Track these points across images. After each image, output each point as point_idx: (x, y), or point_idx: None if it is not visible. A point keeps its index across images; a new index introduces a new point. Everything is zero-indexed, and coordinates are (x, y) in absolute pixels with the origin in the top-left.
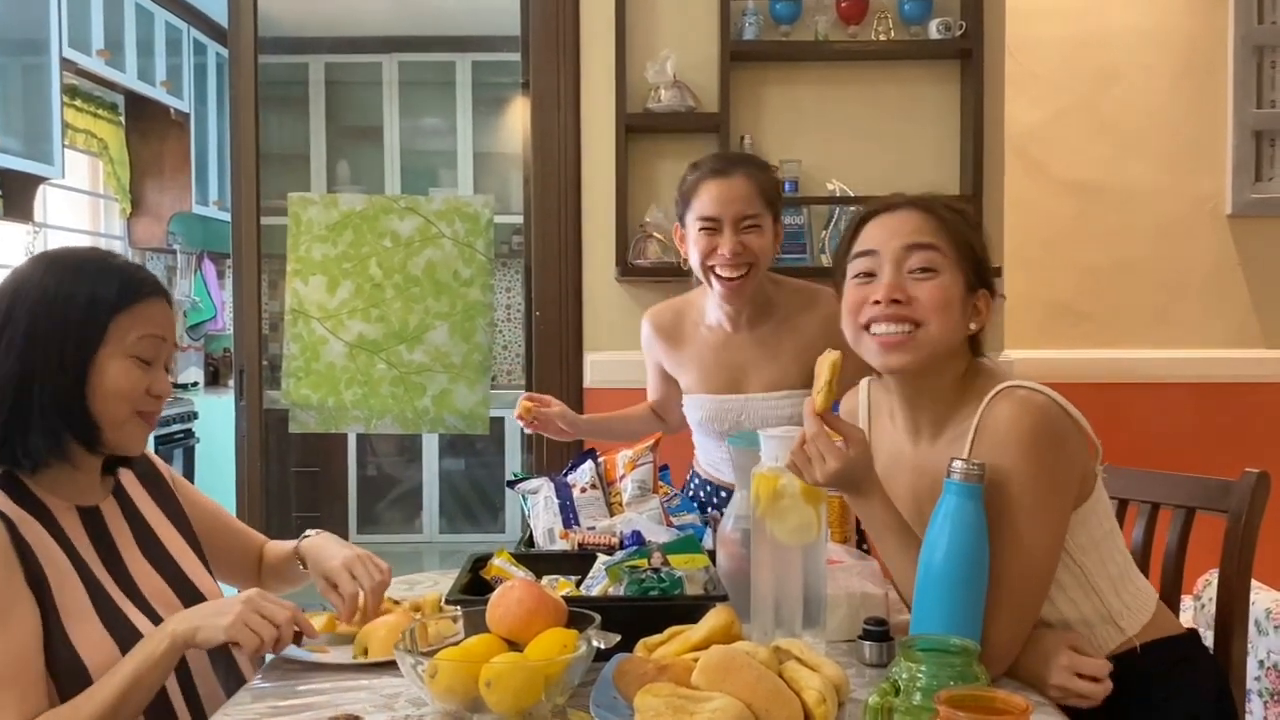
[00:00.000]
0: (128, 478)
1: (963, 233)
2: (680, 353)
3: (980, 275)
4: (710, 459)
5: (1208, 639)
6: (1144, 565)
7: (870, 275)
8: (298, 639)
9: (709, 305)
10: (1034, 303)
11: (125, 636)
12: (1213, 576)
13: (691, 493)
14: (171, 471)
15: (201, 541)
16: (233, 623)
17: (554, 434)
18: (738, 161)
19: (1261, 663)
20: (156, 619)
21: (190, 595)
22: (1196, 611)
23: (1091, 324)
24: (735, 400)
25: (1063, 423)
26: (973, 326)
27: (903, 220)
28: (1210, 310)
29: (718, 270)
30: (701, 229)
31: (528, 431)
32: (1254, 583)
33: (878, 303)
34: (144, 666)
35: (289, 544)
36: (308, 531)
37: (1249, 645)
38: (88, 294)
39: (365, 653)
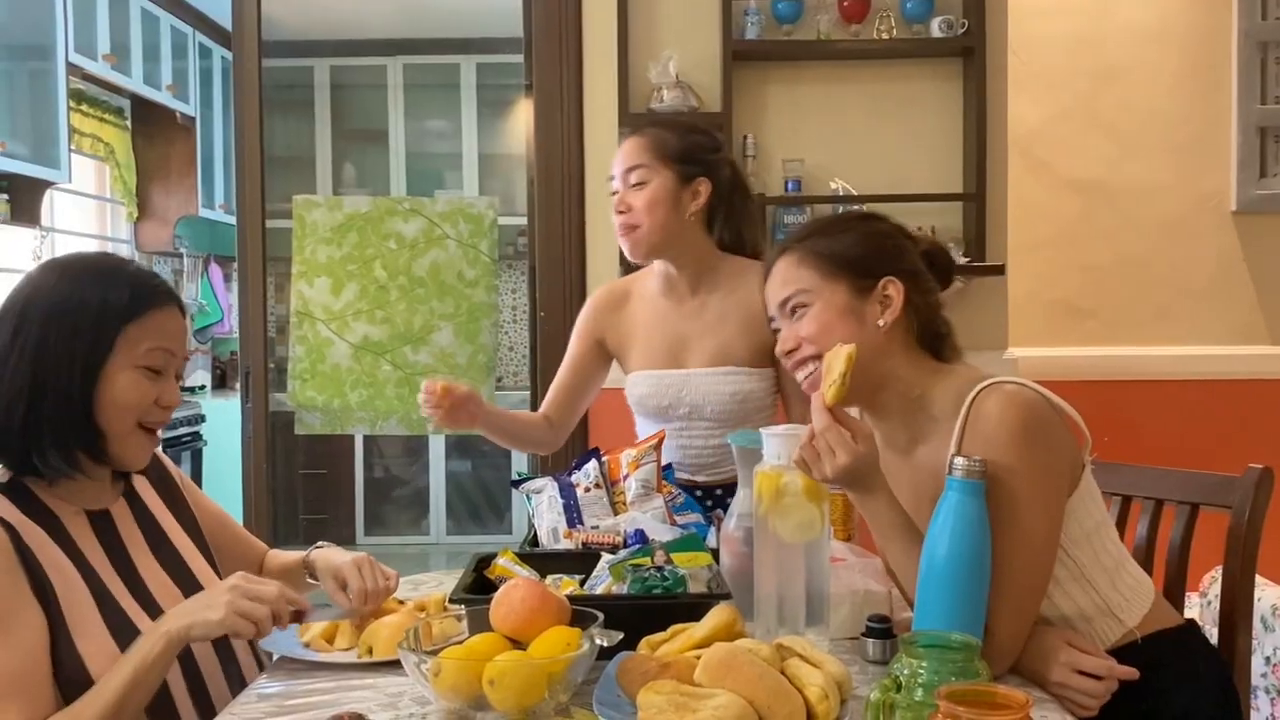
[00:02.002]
0: (138, 478)
1: (830, 248)
2: (626, 325)
3: (872, 268)
4: None
5: (1213, 636)
6: (1148, 562)
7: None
8: (298, 617)
9: (654, 275)
10: (1038, 301)
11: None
12: (1218, 573)
13: None
14: (181, 474)
15: (209, 545)
16: (225, 615)
17: (460, 421)
18: (647, 123)
19: (1268, 659)
20: None
21: None
22: (1203, 609)
23: (1095, 322)
24: (675, 375)
25: (1049, 415)
26: (880, 324)
27: (777, 274)
28: (1215, 307)
29: (616, 227)
30: (611, 193)
31: (428, 415)
32: (1259, 579)
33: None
34: (141, 668)
35: (295, 553)
36: (319, 543)
37: (1255, 642)
38: (99, 301)
39: (370, 652)
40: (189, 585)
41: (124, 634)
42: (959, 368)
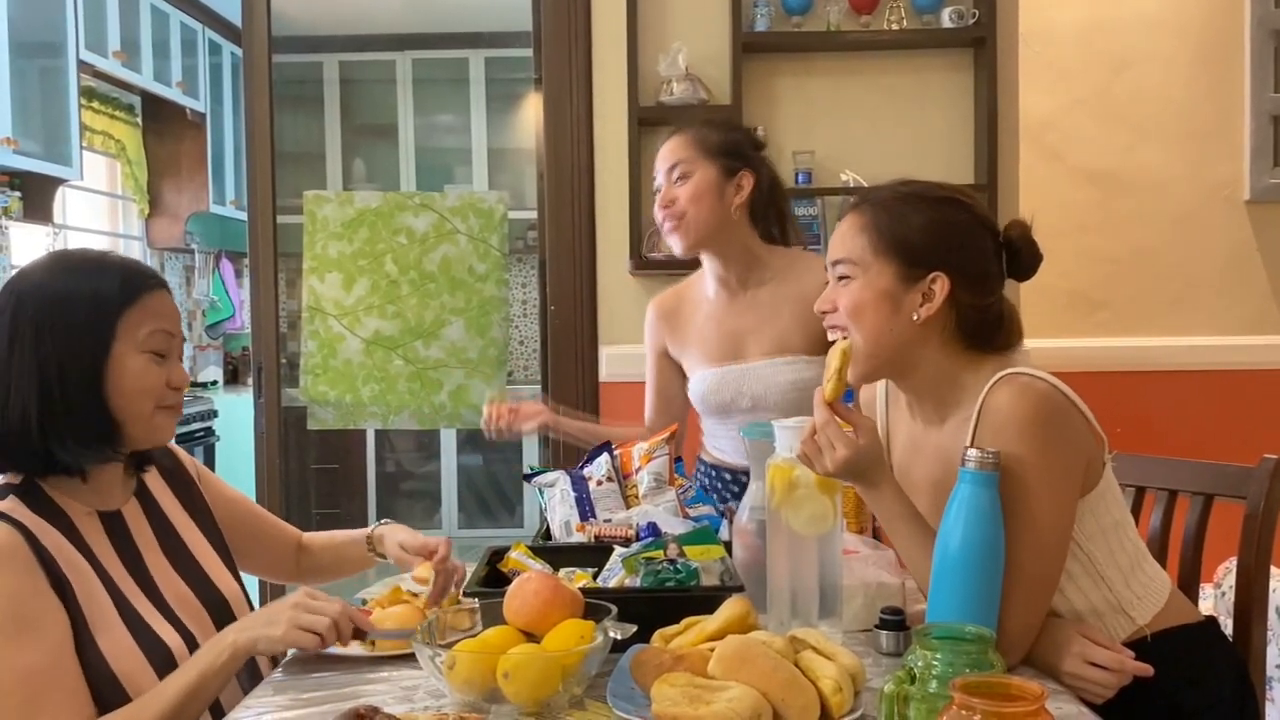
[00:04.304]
0: (151, 475)
1: (892, 227)
2: (682, 330)
3: (926, 260)
4: (714, 441)
5: (1228, 627)
6: (1162, 553)
7: None
8: (360, 636)
9: (706, 277)
10: (1050, 292)
11: (149, 643)
12: (1233, 564)
13: (700, 482)
14: (196, 464)
15: (227, 535)
16: (285, 631)
17: (527, 424)
18: (690, 124)
19: None
20: (179, 624)
21: (213, 598)
22: (1217, 600)
23: (1108, 312)
24: (735, 369)
25: (1064, 408)
26: (915, 317)
27: (842, 229)
28: (1228, 297)
29: (661, 223)
30: (655, 191)
31: (491, 434)
32: (1275, 570)
33: None
34: (205, 676)
35: (350, 531)
36: (383, 520)
37: (1270, 633)
38: (91, 293)
39: (373, 644)
40: (201, 585)
41: (140, 633)
42: (995, 358)
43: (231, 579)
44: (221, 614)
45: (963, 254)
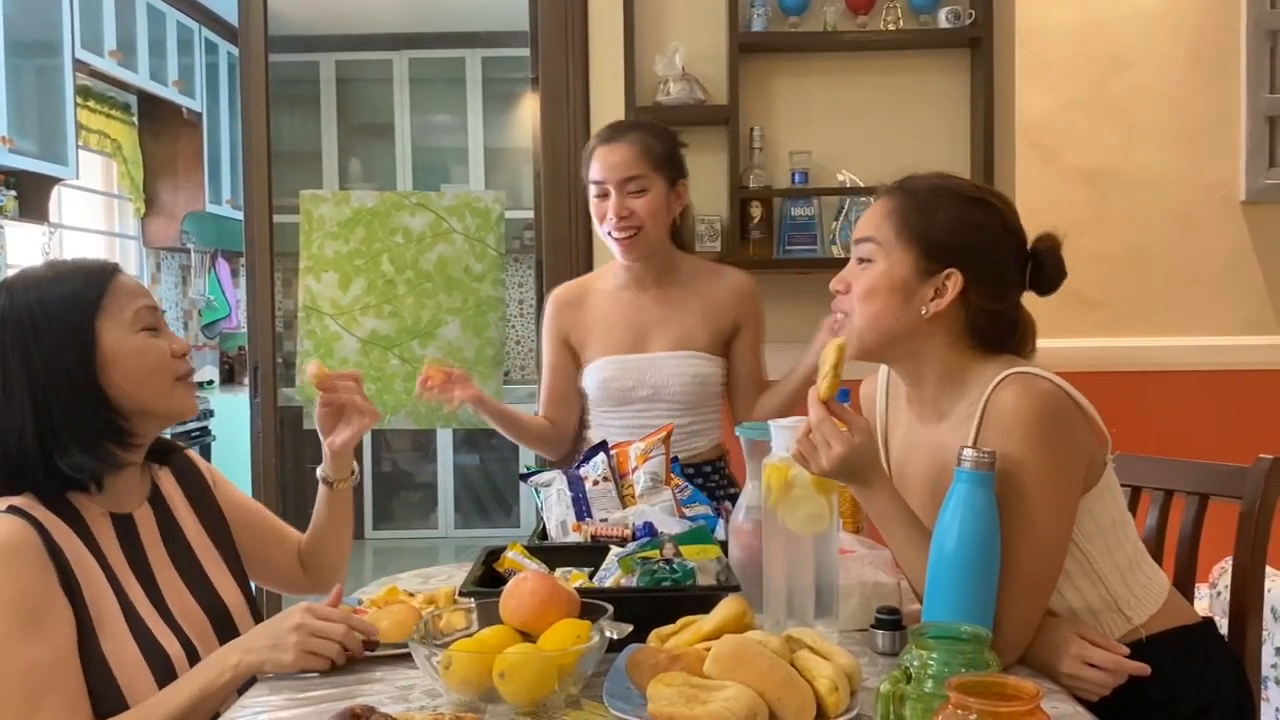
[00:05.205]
0: (166, 480)
1: (918, 217)
2: (585, 320)
3: (944, 255)
4: (602, 434)
5: (1223, 627)
6: (1158, 553)
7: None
8: (371, 646)
9: (615, 271)
10: None
11: (150, 650)
12: (1228, 564)
13: None
14: (211, 470)
15: (239, 543)
16: (295, 656)
17: (457, 392)
18: (627, 128)
19: (1278, 650)
20: (182, 635)
21: (215, 608)
22: (1212, 600)
23: (1105, 312)
24: (639, 359)
25: (1067, 408)
26: (923, 311)
27: (872, 210)
28: (1224, 297)
29: (610, 233)
30: (594, 195)
31: (423, 396)
32: (1269, 570)
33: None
34: (205, 693)
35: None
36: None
37: (1265, 633)
38: (62, 297)
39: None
40: (205, 594)
41: (143, 639)
42: (1001, 358)
43: (236, 589)
44: (224, 624)
45: (982, 255)
